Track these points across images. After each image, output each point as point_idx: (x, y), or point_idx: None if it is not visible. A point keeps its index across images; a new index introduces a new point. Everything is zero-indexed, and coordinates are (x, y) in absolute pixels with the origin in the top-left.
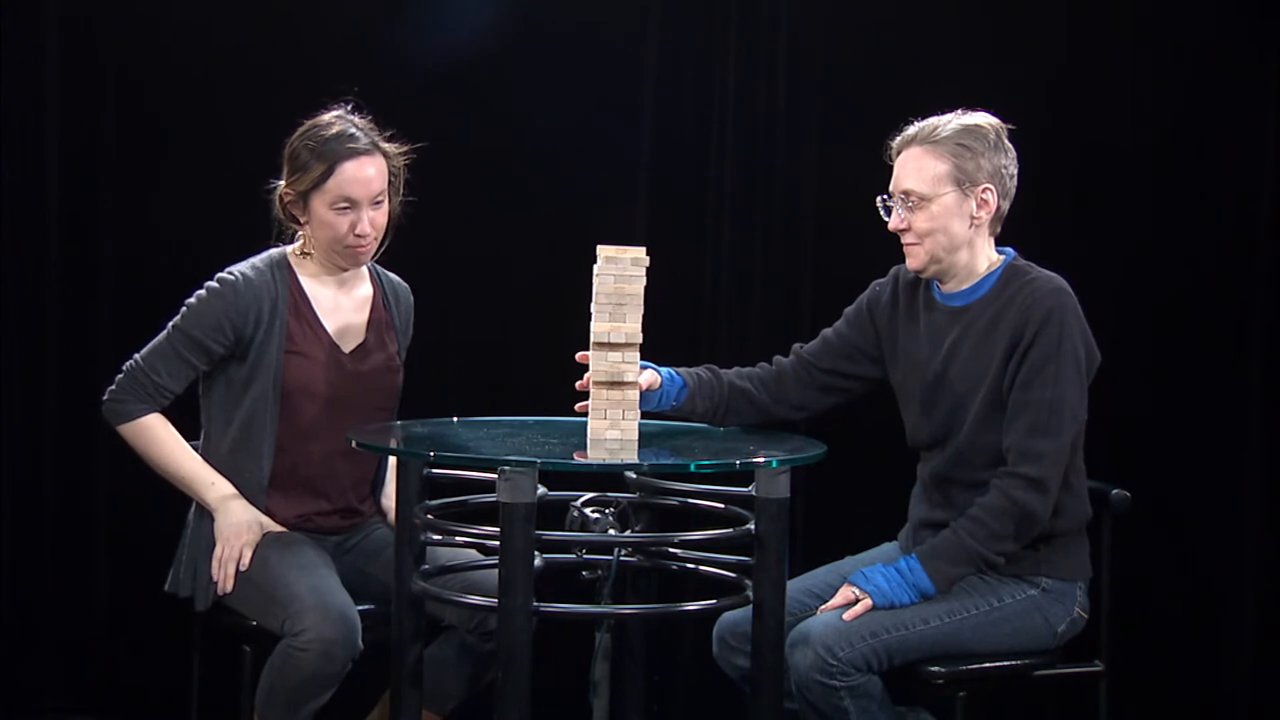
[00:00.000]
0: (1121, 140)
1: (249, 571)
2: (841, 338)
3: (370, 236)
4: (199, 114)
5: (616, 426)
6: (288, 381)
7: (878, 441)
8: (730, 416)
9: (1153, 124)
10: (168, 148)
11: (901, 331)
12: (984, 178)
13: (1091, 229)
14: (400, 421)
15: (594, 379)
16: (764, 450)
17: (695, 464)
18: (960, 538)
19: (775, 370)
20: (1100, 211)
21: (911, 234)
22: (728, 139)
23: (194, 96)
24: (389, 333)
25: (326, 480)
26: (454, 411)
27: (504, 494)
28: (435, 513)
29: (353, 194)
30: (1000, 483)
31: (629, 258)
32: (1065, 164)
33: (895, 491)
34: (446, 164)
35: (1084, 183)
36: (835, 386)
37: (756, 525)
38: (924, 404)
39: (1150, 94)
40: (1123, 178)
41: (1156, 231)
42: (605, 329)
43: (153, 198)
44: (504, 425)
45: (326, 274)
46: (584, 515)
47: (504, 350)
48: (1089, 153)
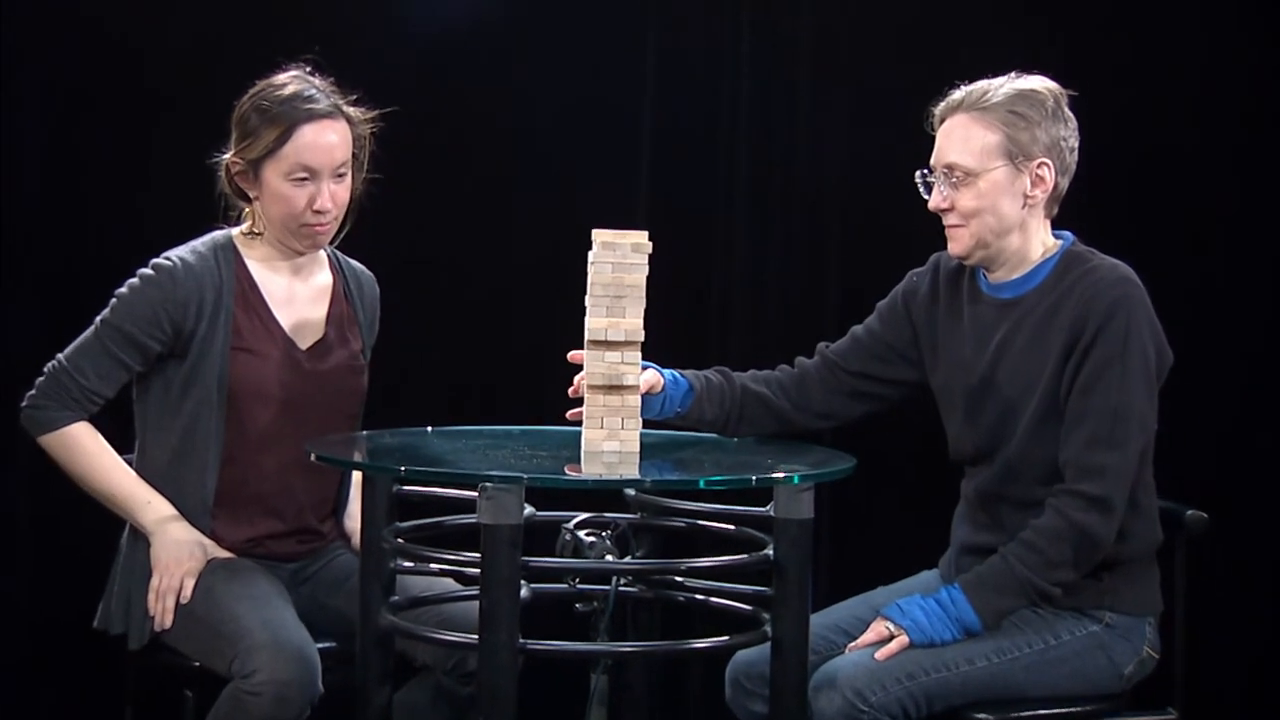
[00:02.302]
0: (1197, 105)
1: (191, 604)
2: (873, 336)
3: (331, 214)
4: (128, 83)
5: (614, 436)
6: (235, 383)
7: (915, 454)
8: (744, 425)
9: (1237, 82)
10: (96, 119)
11: (942, 328)
12: (1040, 151)
13: (1159, 211)
14: (366, 431)
15: (589, 382)
16: (784, 464)
17: (705, 480)
18: (1010, 565)
19: (797, 373)
20: (1171, 192)
21: (955, 214)
22: (740, 109)
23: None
24: (352, 328)
25: (281, 498)
26: (428, 419)
27: (486, 514)
28: (406, 536)
29: (311, 162)
30: (1057, 502)
31: (629, 243)
32: (1129, 136)
33: (935, 512)
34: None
35: (1150, 158)
36: (866, 392)
37: (775, 550)
38: (968, 411)
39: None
40: (1196, 153)
41: (1239, 211)
42: (602, 325)
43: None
44: (485, 435)
45: (279, 258)
46: (577, 539)
47: (486, 349)
48: (1157, 123)
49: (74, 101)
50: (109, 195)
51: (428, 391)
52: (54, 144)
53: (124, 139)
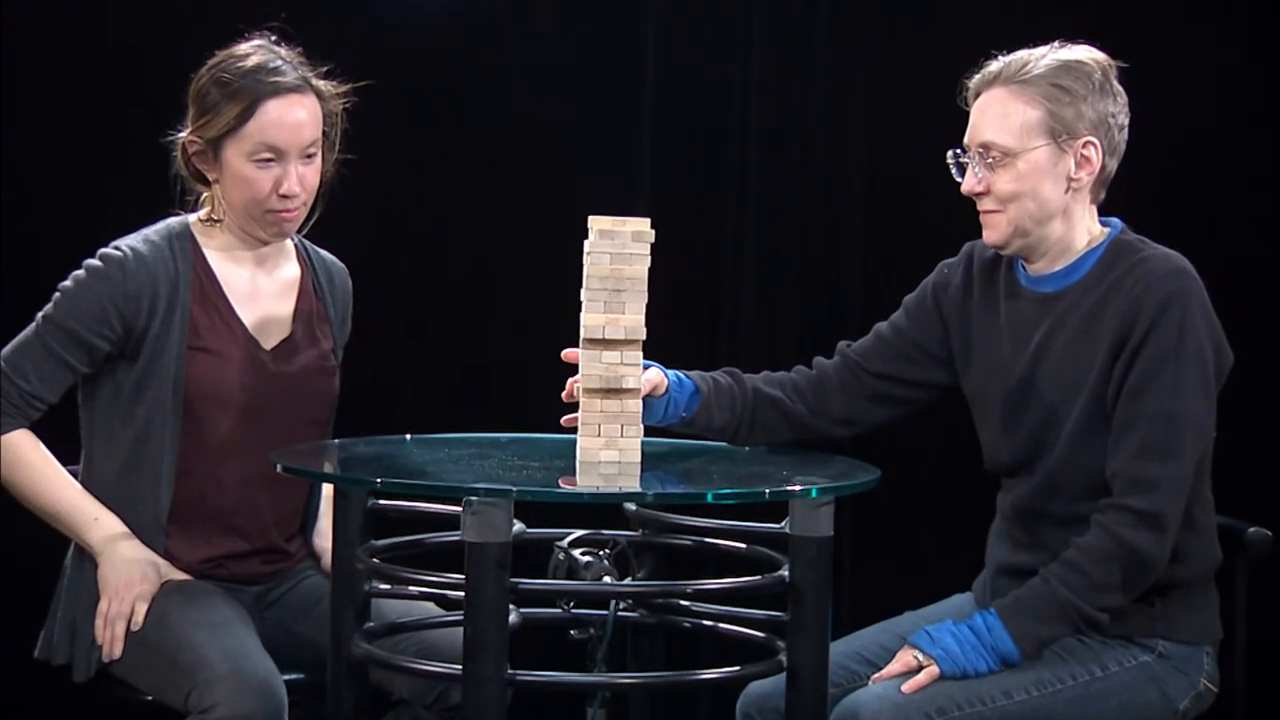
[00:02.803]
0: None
1: (143, 631)
2: (900, 334)
3: (299, 198)
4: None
5: (613, 445)
6: (192, 387)
7: (946, 465)
8: (757, 432)
9: None
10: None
11: (977, 325)
12: (1085, 128)
13: (1216, 195)
14: (338, 439)
15: (585, 385)
16: (800, 476)
17: (713, 493)
18: (1052, 588)
19: (815, 375)
20: (1229, 173)
21: (991, 198)
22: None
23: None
24: (321, 325)
25: (243, 514)
26: (406, 426)
27: (470, 531)
28: (383, 555)
29: (277, 141)
30: (1104, 518)
31: (629, 231)
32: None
33: (968, 529)
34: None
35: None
36: (891, 396)
37: (791, 571)
38: (1005, 417)
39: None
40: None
41: None
42: (599, 322)
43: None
44: (470, 444)
45: (241, 248)
46: (572, 558)
47: (471, 349)
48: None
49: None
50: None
51: (406, 396)
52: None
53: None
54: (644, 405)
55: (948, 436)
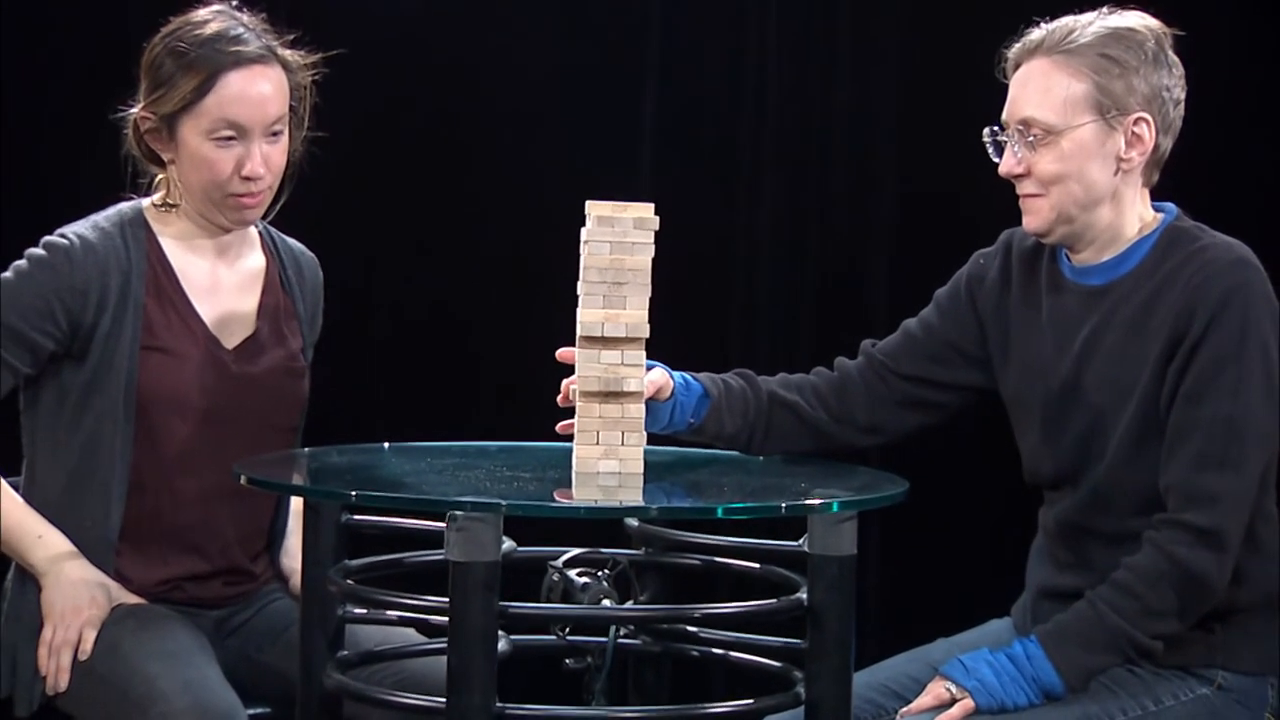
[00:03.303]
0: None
1: (92, 661)
2: (930, 332)
3: (264, 180)
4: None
5: (613, 454)
6: (146, 390)
7: (981, 476)
8: (772, 440)
9: None
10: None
11: (1016, 322)
12: (1137, 103)
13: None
14: (308, 448)
15: (582, 387)
16: (820, 488)
17: (724, 507)
18: (1101, 613)
19: (837, 378)
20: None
21: (1032, 181)
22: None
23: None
24: (289, 322)
25: (202, 531)
26: (383, 434)
27: (455, 550)
28: (358, 576)
29: (239, 117)
30: (1157, 535)
31: (630, 218)
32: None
33: (1007, 547)
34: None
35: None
36: (922, 400)
37: (810, 594)
38: (1048, 424)
39: None
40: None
41: None
42: (597, 318)
43: None
44: (455, 453)
45: (200, 236)
46: (567, 580)
47: (455, 348)
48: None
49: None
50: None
51: (384, 400)
52: None
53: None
54: (647, 410)
55: (983, 445)
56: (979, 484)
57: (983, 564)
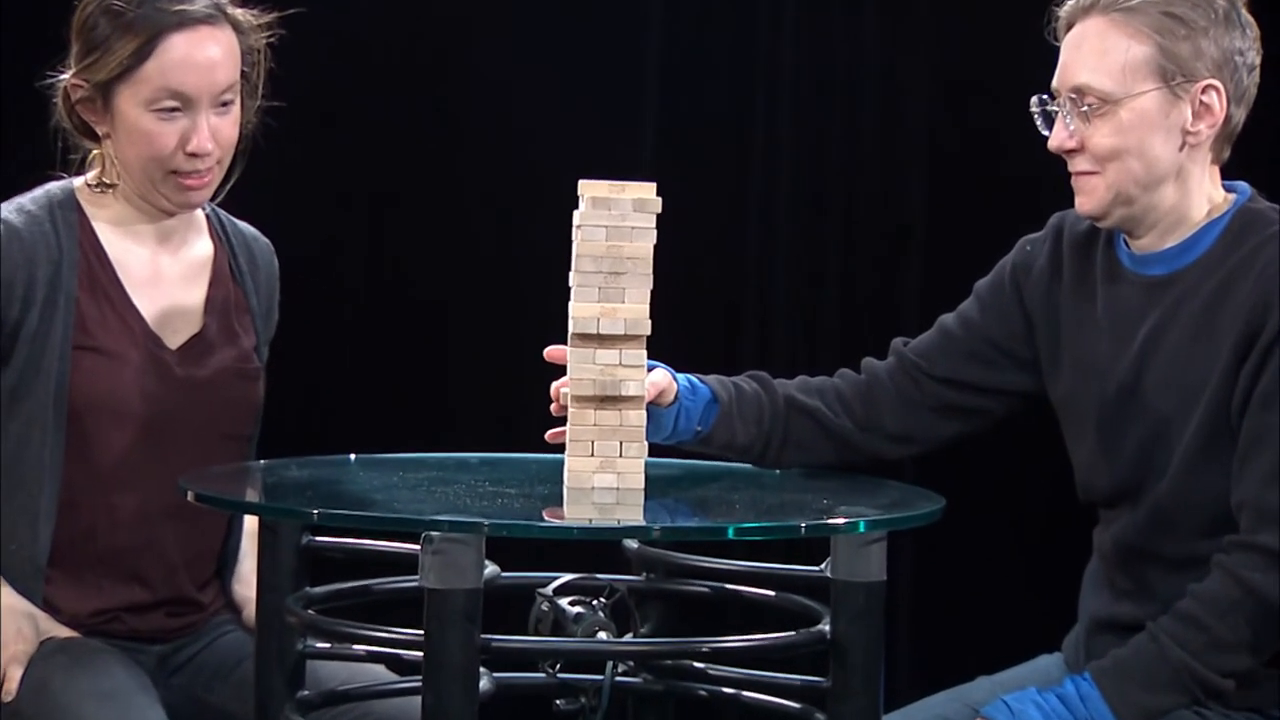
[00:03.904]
0: None
1: (18, 702)
2: (970, 329)
3: (211, 157)
4: None
5: (610, 467)
6: (79, 395)
7: (1028, 492)
8: (790, 451)
9: None
10: None
11: (1067, 316)
12: (1206, 69)
13: None
14: (263, 461)
15: (575, 391)
16: (845, 505)
17: (735, 527)
18: (1163, 647)
19: (864, 381)
20: None
21: (1086, 157)
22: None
23: None
24: (241, 317)
25: (143, 555)
26: (349, 444)
27: (431, 575)
28: (320, 606)
29: (184, 85)
30: (1227, 559)
31: (629, 199)
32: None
33: (1057, 573)
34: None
35: None
36: (960, 406)
37: (833, 625)
38: (1104, 432)
39: None
40: None
41: None
42: (592, 313)
43: None
44: (431, 466)
45: (140, 221)
46: (558, 610)
47: (431, 347)
48: None
49: None
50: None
51: (349, 405)
52: None
53: None
54: (648, 416)
55: (1030, 457)
56: (1025, 501)
57: (1030, 592)
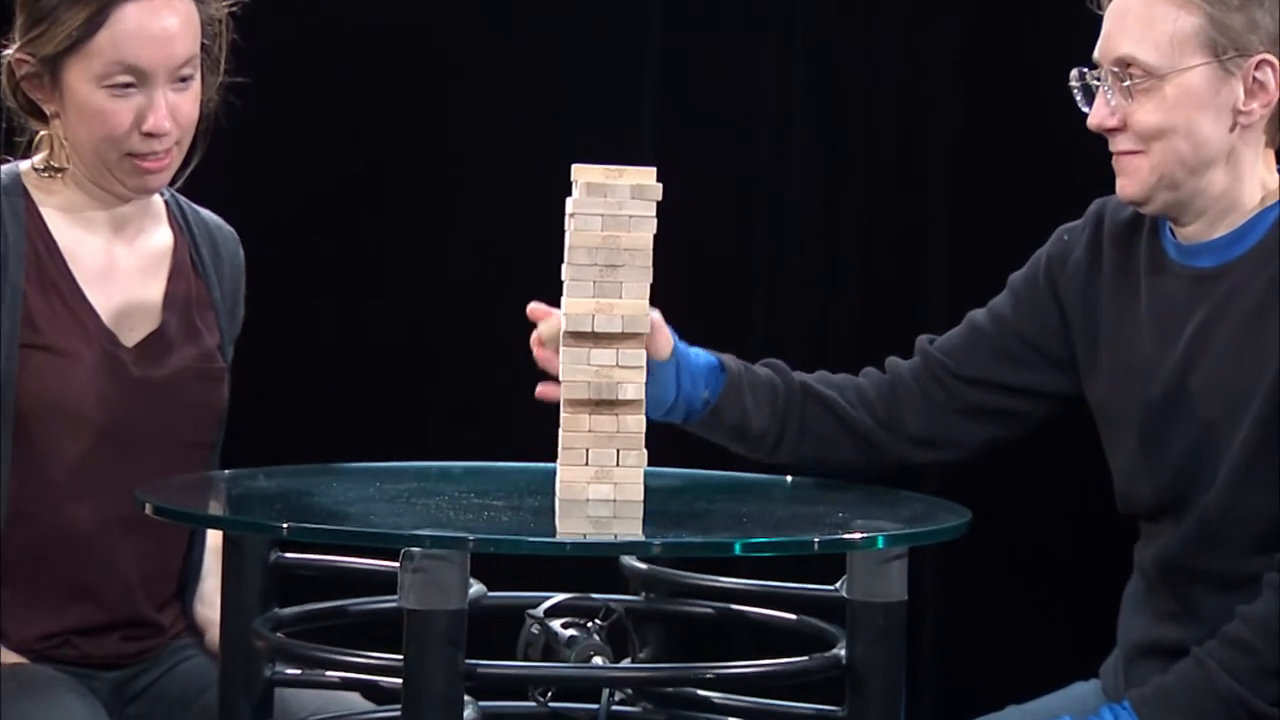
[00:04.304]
0: None
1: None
2: (1002, 325)
3: (169, 137)
4: None
5: (605, 477)
6: (27, 398)
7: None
8: (808, 443)
9: None
10: None
11: (1107, 311)
12: (1261, 43)
13: None
14: (228, 470)
15: (567, 395)
16: (863, 519)
17: (742, 542)
18: (1210, 674)
19: (886, 380)
20: None
21: (1128, 135)
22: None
23: None
24: (204, 313)
25: (97, 572)
26: (321, 451)
27: (411, 595)
28: (290, 629)
29: (139, 59)
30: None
31: (628, 185)
32: None
33: (1094, 592)
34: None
35: None
36: (989, 409)
37: (850, 650)
38: (1146, 439)
39: None
40: None
41: None
42: (586, 310)
43: None
44: (410, 475)
45: (92, 208)
46: (550, 632)
47: (409, 347)
48: None
49: None
50: None
51: (322, 409)
52: None
53: None
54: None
55: (1065, 465)
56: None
57: (1064, 613)
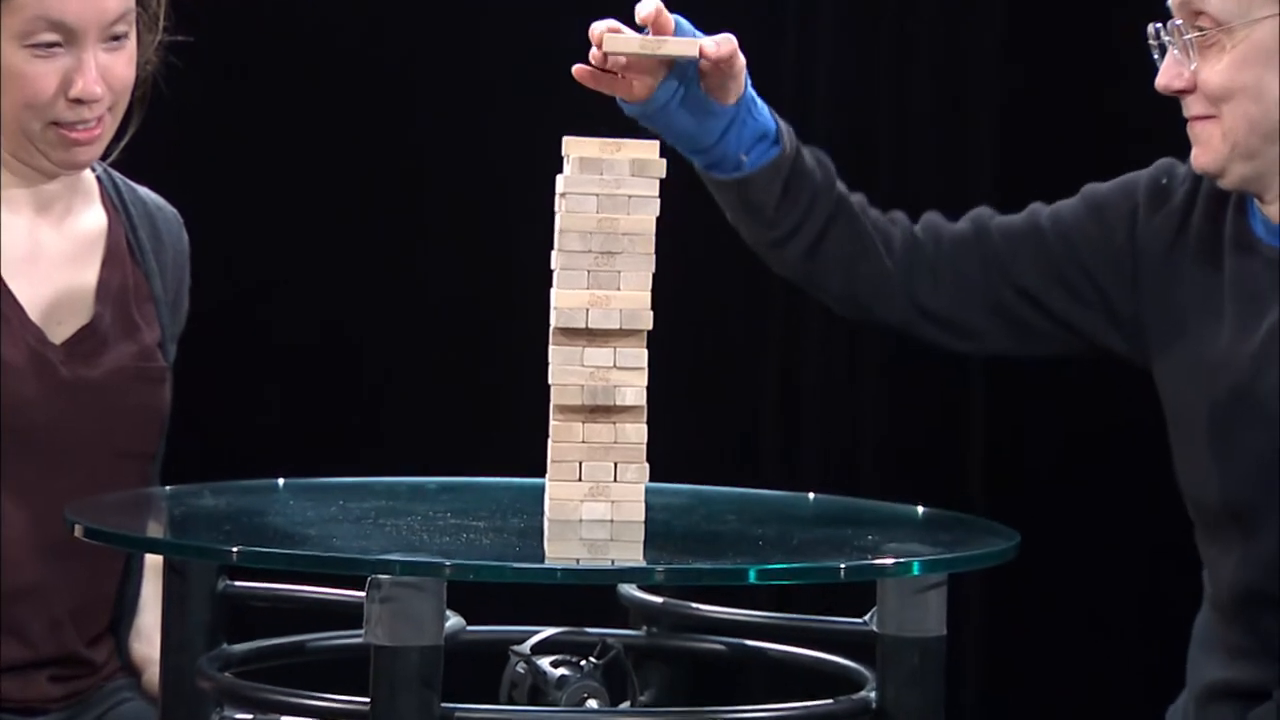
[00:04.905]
0: None
1: None
2: (1067, 245)
3: (102, 103)
4: None
5: (601, 495)
6: None
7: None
8: (811, 258)
9: None
10: None
11: (1187, 285)
12: None
13: None
14: (170, 487)
15: (558, 400)
16: (895, 542)
17: (758, 569)
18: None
19: (921, 237)
20: None
21: (1199, 99)
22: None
23: None
24: (143, 306)
25: (22, 604)
26: (277, 464)
27: (379, 629)
28: (240, 668)
29: (65, 15)
30: None
31: (626, 160)
32: None
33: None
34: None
35: None
36: (1025, 324)
37: (881, 692)
38: (1215, 437)
39: None
40: None
41: None
42: (579, 303)
43: None
44: (378, 492)
45: (14, 185)
46: (537, 672)
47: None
48: None
49: None
50: None
51: (277, 416)
52: None
53: None
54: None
55: (1126, 479)
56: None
57: (1126, 650)
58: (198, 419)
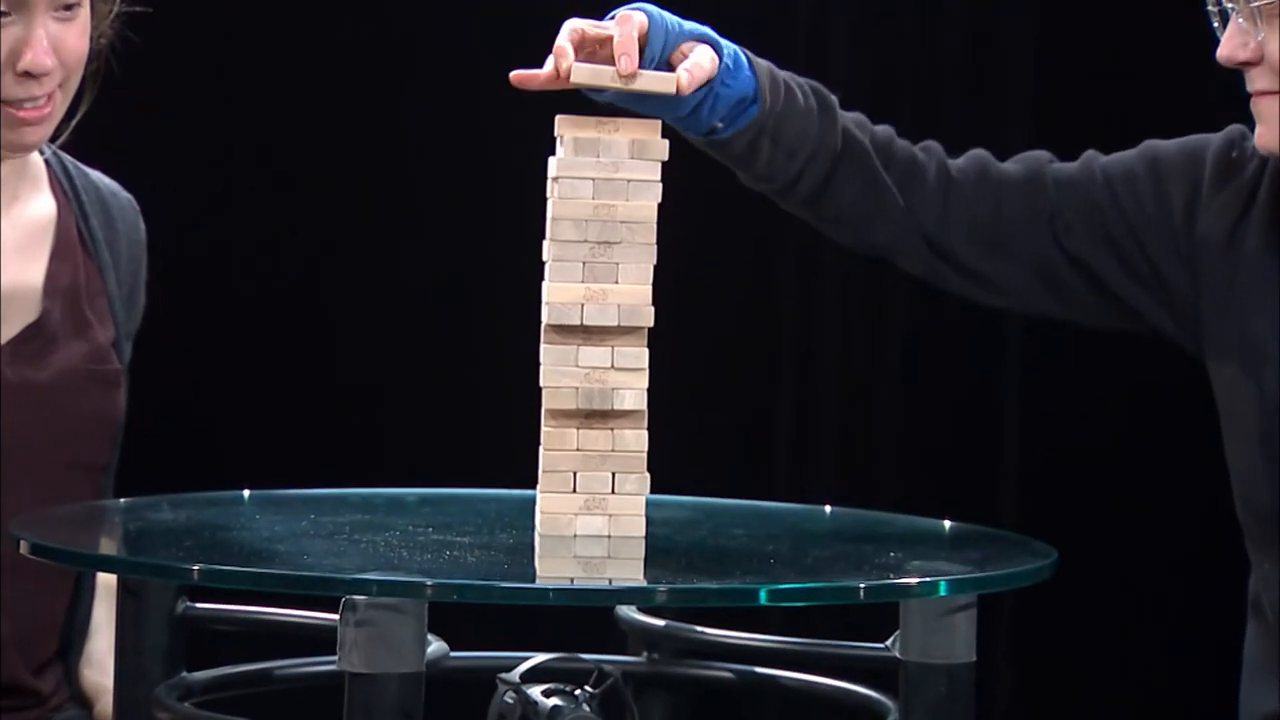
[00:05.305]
0: None
1: None
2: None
3: (51, 78)
4: None
5: (597, 508)
6: None
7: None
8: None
9: None
10: None
11: (1248, 271)
12: None
13: None
14: (125, 499)
15: (550, 404)
16: (920, 560)
17: (769, 589)
18: None
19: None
20: None
21: (1263, 72)
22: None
23: None
24: (95, 301)
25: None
26: (241, 475)
27: (354, 655)
28: (202, 697)
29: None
30: None
31: (625, 140)
32: None
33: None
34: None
35: None
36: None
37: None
38: (1266, 439)
39: None
40: None
41: None
42: (573, 297)
43: None
44: (353, 505)
45: None
46: (527, 701)
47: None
48: None
49: None
50: None
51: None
52: None
53: None
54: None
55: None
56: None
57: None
58: (155, 425)
